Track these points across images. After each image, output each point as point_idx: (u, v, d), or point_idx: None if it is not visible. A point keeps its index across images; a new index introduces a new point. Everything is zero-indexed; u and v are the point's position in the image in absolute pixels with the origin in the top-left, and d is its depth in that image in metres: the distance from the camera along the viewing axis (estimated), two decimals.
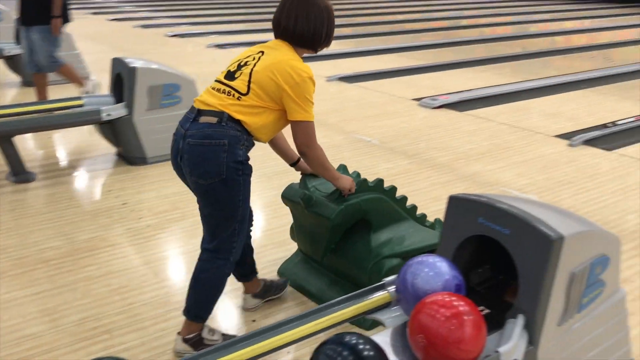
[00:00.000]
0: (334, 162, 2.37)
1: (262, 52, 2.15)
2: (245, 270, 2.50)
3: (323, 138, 4.51)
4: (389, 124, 5.38)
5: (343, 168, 2.59)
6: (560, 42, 10.96)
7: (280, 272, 2.79)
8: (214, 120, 2.05)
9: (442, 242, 1.97)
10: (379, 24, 13.13)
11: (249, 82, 2.07)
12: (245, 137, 2.08)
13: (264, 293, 2.57)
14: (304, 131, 2.11)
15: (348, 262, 2.47)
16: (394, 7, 16.60)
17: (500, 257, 1.83)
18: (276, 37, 2.21)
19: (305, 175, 2.54)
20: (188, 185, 2.20)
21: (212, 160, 2.02)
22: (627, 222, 3.42)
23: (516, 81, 7.16)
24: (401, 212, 2.57)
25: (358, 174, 2.57)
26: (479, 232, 1.83)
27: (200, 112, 2.09)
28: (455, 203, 1.92)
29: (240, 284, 2.57)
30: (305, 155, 2.18)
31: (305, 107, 2.08)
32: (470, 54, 9.18)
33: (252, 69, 2.09)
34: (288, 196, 2.55)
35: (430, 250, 2.31)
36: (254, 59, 2.13)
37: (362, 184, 2.42)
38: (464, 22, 13.88)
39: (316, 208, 2.40)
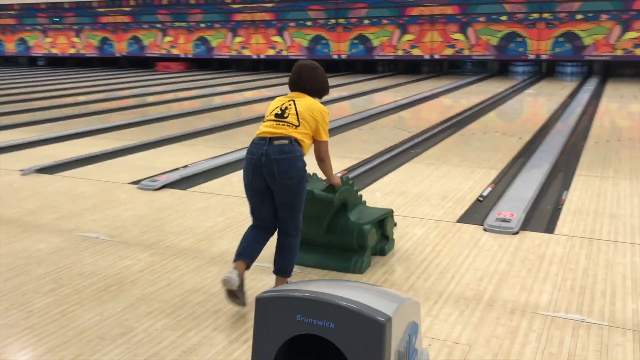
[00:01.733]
0: None
1: (293, 100, 3.25)
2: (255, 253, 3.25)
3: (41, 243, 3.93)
4: (112, 215, 4.88)
5: (316, 175, 3.78)
6: (245, 111, 11.68)
7: None
8: (286, 142, 3.11)
9: (255, 352, 1.73)
10: (60, 107, 12.14)
11: (298, 118, 3.17)
12: (302, 151, 3.18)
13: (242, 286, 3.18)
14: (325, 146, 3.32)
15: (336, 234, 3.64)
16: (70, 89, 15.68)
17: (325, 352, 1.67)
18: (294, 90, 3.34)
19: None
20: (257, 192, 3.19)
21: (294, 167, 3.09)
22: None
23: (227, 152, 7.28)
24: (358, 197, 3.84)
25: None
26: (299, 331, 1.65)
27: (271, 139, 3.12)
28: (266, 304, 1.70)
29: None
30: (324, 161, 3.36)
31: (326, 132, 3.30)
32: (170, 130, 9.10)
33: (296, 110, 3.19)
34: None
35: (383, 219, 3.86)
36: (290, 104, 3.23)
37: (340, 179, 3.63)
38: (151, 98, 13.82)
39: (320, 198, 3.53)
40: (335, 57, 19.69)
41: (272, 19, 20.29)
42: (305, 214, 3.41)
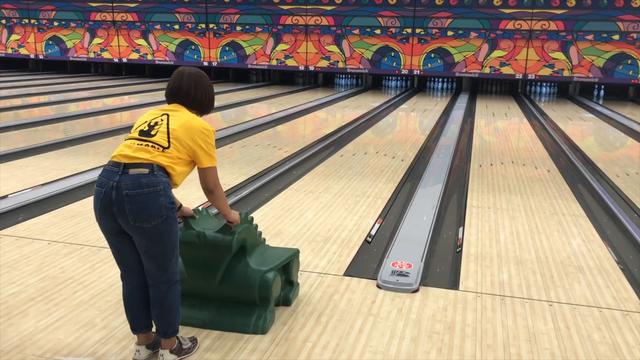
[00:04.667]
0: None
1: (167, 114, 2.60)
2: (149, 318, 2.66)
3: None
4: None
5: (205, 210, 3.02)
6: (105, 121, 10.23)
7: None
8: (145, 170, 2.44)
9: None
10: None
11: (169, 137, 2.51)
12: (169, 182, 2.50)
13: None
14: (212, 174, 2.62)
15: (233, 285, 2.90)
16: None
17: None
18: (173, 102, 2.68)
19: (186, 220, 2.84)
20: (110, 234, 2.51)
21: (154, 205, 2.41)
22: None
23: (68, 175, 5.95)
24: (258, 237, 3.12)
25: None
26: None
27: (127, 165, 2.43)
28: None
29: None
30: (214, 193, 2.65)
31: (212, 155, 2.61)
32: (8, 144, 7.51)
33: (168, 127, 2.54)
34: (179, 240, 2.66)
35: (288, 262, 3.15)
36: (162, 119, 2.58)
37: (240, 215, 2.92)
38: None
39: (212, 241, 2.79)
40: (205, 64, 18.46)
41: (136, 20, 18.63)
42: (194, 261, 2.86)
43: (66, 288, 3.36)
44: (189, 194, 5.33)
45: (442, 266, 3.92)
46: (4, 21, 20.02)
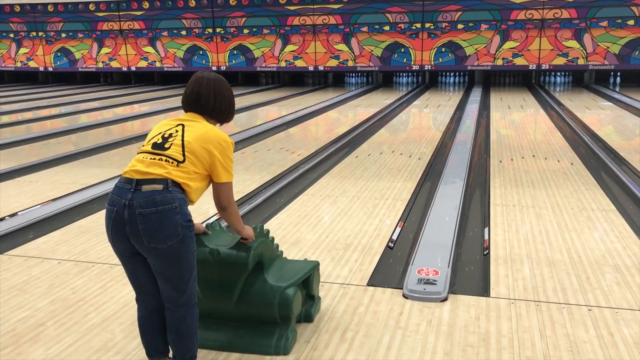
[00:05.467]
0: None
1: (182, 125, 2.41)
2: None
3: None
4: None
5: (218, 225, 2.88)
6: (116, 130, 10.13)
7: None
8: (159, 187, 2.25)
9: None
10: None
11: (184, 151, 2.32)
12: (185, 198, 2.32)
13: None
14: (227, 190, 2.43)
15: (251, 303, 2.71)
16: None
17: None
18: (190, 110, 2.48)
19: (198, 237, 2.63)
20: (124, 255, 2.33)
21: (169, 224, 2.23)
22: None
23: (80, 188, 5.83)
24: (275, 250, 2.91)
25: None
26: None
27: (140, 182, 2.25)
28: None
29: None
30: (226, 210, 2.46)
31: (230, 170, 2.42)
32: (6, 160, 7.41)
33: (182, 139, 2.34)
34: None
35: (308, 275, 2.96)
36: (177, 130, 2.38)
37: (254, 229, 2.72)
38: (5, 118, 11.83)
39: (227, 259, 2.61)
40: (214, 68, 18.35)
41: (143, 28, 18.56)
42: (208, 280, 2.67)
43: (77, 310, 3.20)
44: (201, 204, 5.18)
45: (470, 271, 3.72)
46: (12, 35, 20.05)
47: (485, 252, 4.00)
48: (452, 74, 18.22)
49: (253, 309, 2.74)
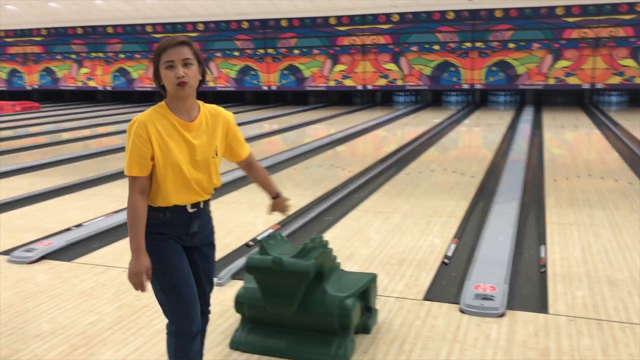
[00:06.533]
0: None
1: None
2: None
3: None
4: None
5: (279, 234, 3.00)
6: None
7: (234, 346, 2.92)
8: None
9: None
10: None
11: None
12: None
13: None
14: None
15: (311, 312, 2.79)
16: None
17: None
18: None
19: (261, 246, 2.80)
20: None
21: None
22: None
23: None
24: (333, 261, 2.97)
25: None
26: None
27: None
28: None
29: None
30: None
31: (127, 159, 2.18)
32: (69, 175, 7.74)
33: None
34: (255, 266, 2.76)
35: (367, 287, 3.02)
36: None
37: (314, 240, 2.80)
38: (66, 135, 12.36)
39: (289, 267, 2.68)
40: (265, 88, 18.73)
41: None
42: (270, 288, 2.79)
43: (143, 316, 3.33)
44: (256, 217, 5.31)
45: (528, 288, 3.69)
46: (74, 56, 20.96)
47: (542, 270, 3.96)
48: (503, 93, 18.03)
49: (313, 318, 2.81)
